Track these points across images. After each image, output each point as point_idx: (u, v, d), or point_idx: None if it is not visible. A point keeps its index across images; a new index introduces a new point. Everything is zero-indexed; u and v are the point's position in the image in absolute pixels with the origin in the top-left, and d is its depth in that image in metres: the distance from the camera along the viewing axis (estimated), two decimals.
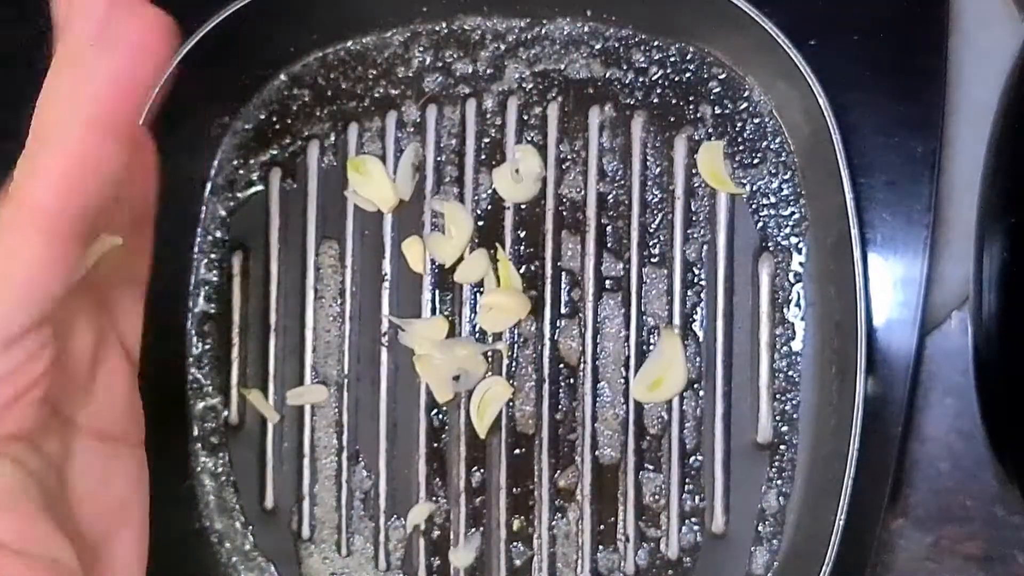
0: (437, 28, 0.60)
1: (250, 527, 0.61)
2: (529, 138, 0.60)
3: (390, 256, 0.61)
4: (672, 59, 0.59)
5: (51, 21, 0.52)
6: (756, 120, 0.58)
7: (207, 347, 0.62)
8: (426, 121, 0.61)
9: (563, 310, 0.59)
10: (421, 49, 0.61)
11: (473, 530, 0.59)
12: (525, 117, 0.60)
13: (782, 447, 0.57)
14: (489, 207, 0.60)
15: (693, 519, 0.58)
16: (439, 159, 0.60)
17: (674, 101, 0.59)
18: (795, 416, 0.57)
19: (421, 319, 0.60)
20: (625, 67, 0.59)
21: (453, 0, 0.59)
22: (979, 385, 0.54)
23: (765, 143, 0.58)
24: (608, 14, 0.59)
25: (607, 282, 0.59)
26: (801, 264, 0.57)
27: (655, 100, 0.59)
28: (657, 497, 0.58)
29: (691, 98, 0.59)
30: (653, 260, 0.59)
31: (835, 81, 0.54)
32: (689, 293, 0.58)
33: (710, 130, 0.58)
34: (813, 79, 0.53)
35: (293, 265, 0.62)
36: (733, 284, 0.58)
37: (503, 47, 0.60)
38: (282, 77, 0.61)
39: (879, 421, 0.54)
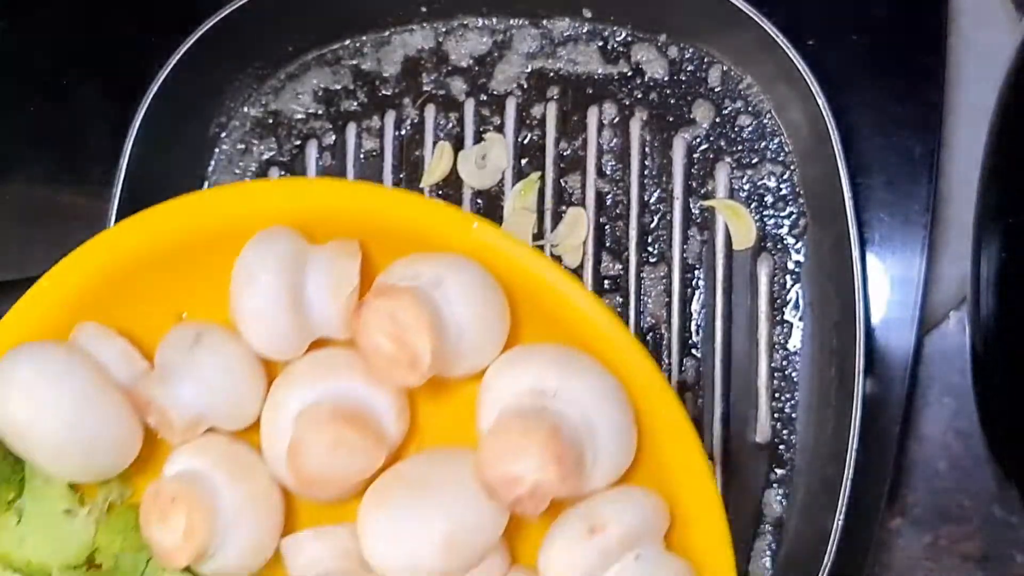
0: (436, 27, 0.60)
1: None
2: (528, 137, 0.60)
3: None
4: (671, 59, 0.59)
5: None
6: (755, 120, 0.58)
7: None
8: (424, 120, 0.61)
9: None
10: (420, 48, 0.61)
11: None
12: (524, 116, 0.60)
13: (781, 447, 0.57)
14: (486, 210, 0.60)
15: None
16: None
17: (673, 101, 0.59)
18: (794, 416, 0.57)
19: None
20: (624, 66, 0.59)
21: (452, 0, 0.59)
22: (977, 385, 0.54)
23: (764, 143, 0.58)
24: (607, 13, 0.59)
25: (606, 282, 0.59)
26: (799, 264, 0.57)
27: (654, 99, 0.59)
28: None
29: (690, 98, 0.59)
30: (652, 260, 0.59)
31: (834, 81, 0.54)
32: (688, 293, 0.58)
33: (709, 130, 0.58)
34: (812, 79, 0.53)
35: None
36: (732, 284, 0.58)
37: (502, 46, 0.60)
38: (281, 77, 0.61)
39: (878, 421, 0.54)
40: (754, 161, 0.58)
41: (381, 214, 0.44)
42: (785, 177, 0.58)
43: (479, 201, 0.60)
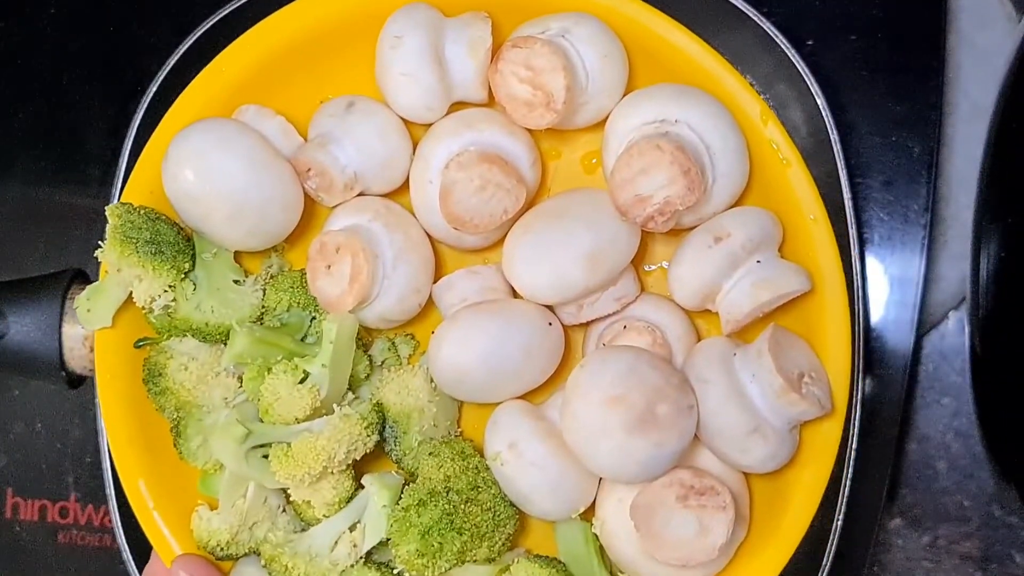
0: None
1: None
2: None
3: None
4: None
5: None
6: None
7: None
8: None
9: None
10: None
11: None
12: None
13: None
14: None
15: None
16: None
17: None
18: None
19: None
20: None
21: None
22: (976, 385, 0.54)
23: None
24: None
25: None
26: None
27: None
28: None
29: None
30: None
31: (833, 81, 0.54)
32: None
33: None
34: (811, 79, 0.53)
35: None
36: None
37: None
38: None
39: (877, 420, 0.54)
40: None
41: None
42: None
43: None
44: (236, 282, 0.51)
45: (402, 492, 0.47)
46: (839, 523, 0.51)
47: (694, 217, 0.45)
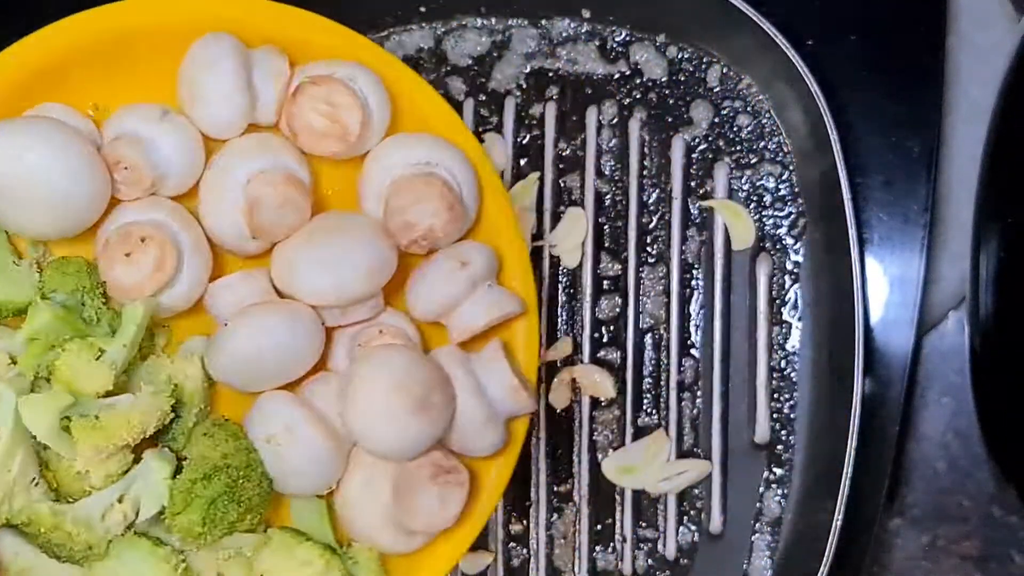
0: (435, 27, 0.60)
1: None
2: (527, 137, 0.60)
3: None
4: (670, 59, 0.59)
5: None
6: (754, 120, 0.58)
7: None
8: None
9: (561, 311, 0.59)
10: (418, 48, 0.61)
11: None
12: (523, 116, 0.60)
13: (779, 447, 0.57)
14: None
15: (690, 519, 0.58)
16: None
17: (672, 101, 0.59)
18: (792, 416, 0.57)
19: None
20: (623, 66, 0.59)
21: (451, 0, 0.59)
22: (976, 385, 0.54)
23: (763, 143, 0.58)
24: (606, 13, 0.59)
25: (605, 283, 0.59)
26: (798, 264, 0.57)
27: (653, 100, 0.59)
28: (655, 497, 0.58)
29: (689, 98, 0.59)
30: (651, 260, 0.59)
31: (833, 81, 0.54)
32: (687, 293, 0.58)
33: (707, 130, 0.58)
34: (811, 79, 0.53)
35: None
36: (731, 284, 0.58)
37: (501, 46, 0.60)
38: None
39: (876, 421, 0.54)
40: (753, 161, 0.58)
41: (286, 29, 0.53)
42: (784, 177, 0.58)
43: None
44: (14, 262, 0.54)
45: (179, 468, 0.51)
46: (839, 523, 0.51)
47: (456, 235, 0.52)
